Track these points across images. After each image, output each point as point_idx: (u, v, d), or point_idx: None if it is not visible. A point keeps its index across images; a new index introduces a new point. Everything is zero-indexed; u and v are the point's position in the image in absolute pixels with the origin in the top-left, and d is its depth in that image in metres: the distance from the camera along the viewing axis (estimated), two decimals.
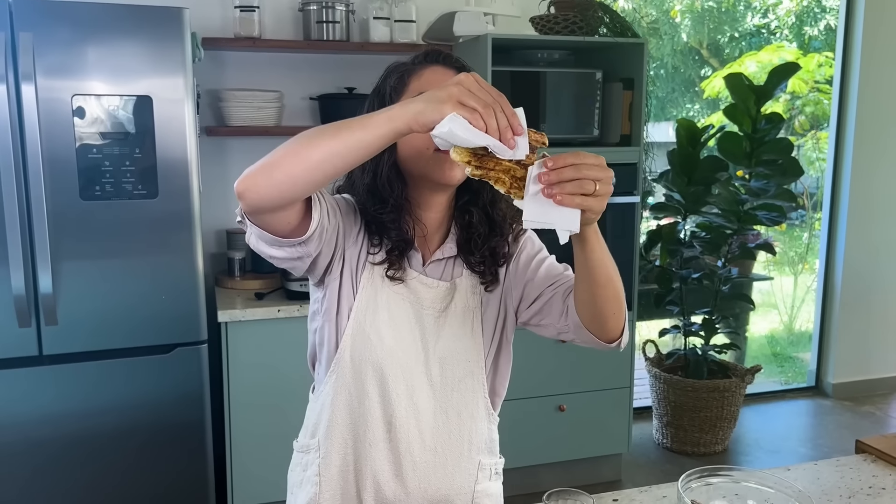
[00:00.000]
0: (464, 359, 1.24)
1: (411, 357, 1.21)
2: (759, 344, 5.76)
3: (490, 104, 0.91)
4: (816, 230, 5.77)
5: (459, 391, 1.24)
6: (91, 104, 2.22)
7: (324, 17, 2.92)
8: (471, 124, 0.91)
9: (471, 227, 1.23)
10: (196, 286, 2.40)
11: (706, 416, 3.47)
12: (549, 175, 0.92)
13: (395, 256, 1.20)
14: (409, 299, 1.22)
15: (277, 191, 0.97)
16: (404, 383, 1.20)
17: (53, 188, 2.19)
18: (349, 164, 0.97)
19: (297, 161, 0.96)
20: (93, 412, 2.33)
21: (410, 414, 1.21)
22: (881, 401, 4.25)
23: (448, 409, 1.24)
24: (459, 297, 1.24)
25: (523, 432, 3.01)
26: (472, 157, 0.94)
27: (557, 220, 0.94)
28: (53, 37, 2.15)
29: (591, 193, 0.93)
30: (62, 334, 2.27)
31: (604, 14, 3.02)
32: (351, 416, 1.22)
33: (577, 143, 3.03)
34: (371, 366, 1.19)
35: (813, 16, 8.20)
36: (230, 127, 2.91)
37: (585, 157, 0.94)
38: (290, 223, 1.05)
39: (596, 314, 1.11)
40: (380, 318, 1.20)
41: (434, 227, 1.25)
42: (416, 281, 1.22)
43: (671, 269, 3.58)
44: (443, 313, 1.23)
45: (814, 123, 7.12)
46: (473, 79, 0.93)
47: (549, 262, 1.25)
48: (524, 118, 0.94)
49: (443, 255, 1.24)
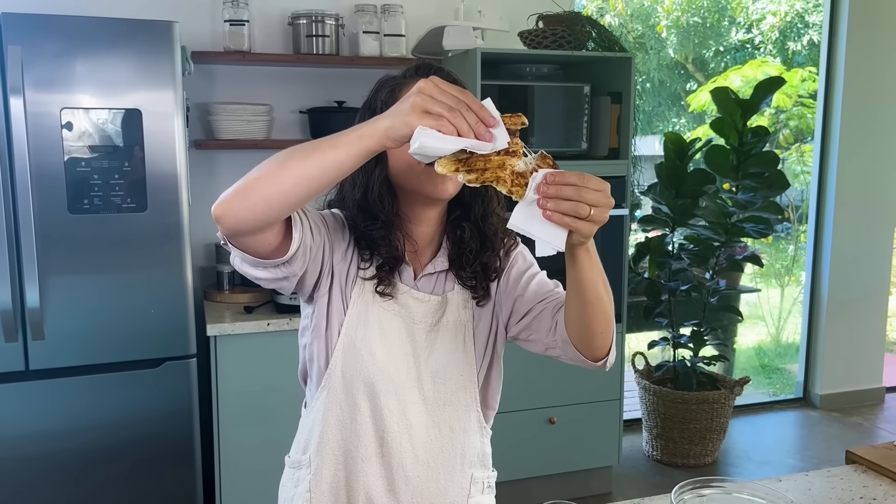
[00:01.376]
0: (456, 373, 1.23)
1: (403, 372, 1.20)
2: (747, 356, 5.79)
3: (454, 106, 0.90)
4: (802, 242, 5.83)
5: (452, 405, 1.24)
6: (80, 117, 2.21)
7: (313, 31, 2.93)
8: (441, 132, 0.89)
9: (462, 241, 1.23)
10: (185, 300, 2.38)
11: (696, 428, 3.48)
12: (548, 189, 0.91)
13: (386, 272, 1.20)
14: (401, 314, 1.21)
15: (253, 214, 0.96)
16: (396, 398, 1.20)
17: (41, 201, 2.18)
18: (324, 185, 0.96)
19: (270, 184, 0.95)
20: (80, 427, 2.31)
21: (403, 429, 1.20)
22: (868, 411, 4.27)
23: (440, 424, 1.23)
24: (451, 311, 1.23)
25: (514, 445, 3.00)
26: (458, 164, 0.93)
27: (542, 234, 0.93)
28: (42, 50, 2.15)
29: (584, 217, 0.92)
30: (49, 349, 2.25)
31: (591, 29, 3.05)
32: (342, 432, 1.21)
33: (565, 157, 3.05)
34: (362, 381, 1.19)
35: (796, 31, 8.30)
36: (220, 140, 2.91)
37: (590, 180, 0.92)
38: (271, 244, 1.05)
39: (583, 332, 1.11)
40: (371, 333, 1.19)
41: (425, 241, 1.24)
42: (406, 295, 1.22)
43: (659, 282, 3.60)
44: (434, 327, 1.22)
45: (798, 137, 7.19)
46: (433, 84, 0.91)
47: (540, 278, 1.25)
48: (494, 107, 0.93)
49: (434, 270, 1.24)
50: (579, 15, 3.04)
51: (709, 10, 8.65)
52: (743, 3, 8.60)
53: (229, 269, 2.90)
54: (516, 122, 0.95)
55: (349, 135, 0.94)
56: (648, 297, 3.63)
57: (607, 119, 3.06)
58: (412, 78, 1.20)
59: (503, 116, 0.94)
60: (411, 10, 3.13)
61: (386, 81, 1.23)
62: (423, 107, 0.90)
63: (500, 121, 0.93)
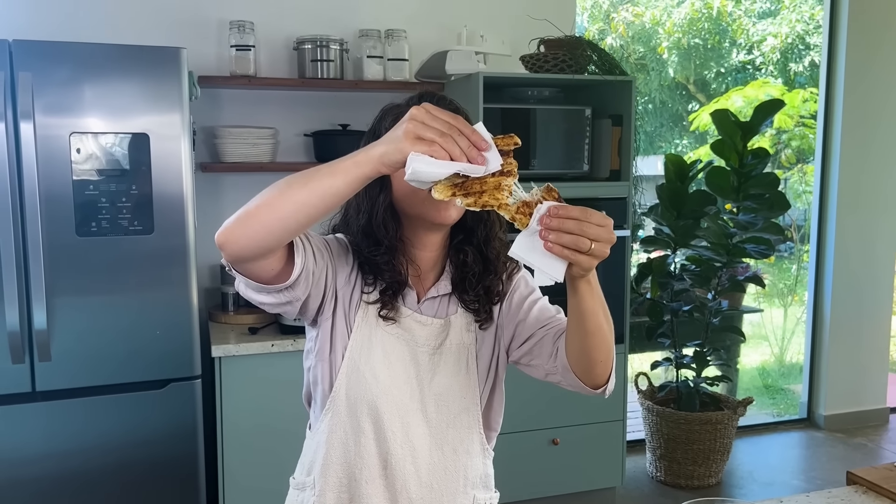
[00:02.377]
0: (459, 395, 1.25)
1: (406, 395, 1.22)
2: (750, 376, 5.77)
3: (446, 131, 0.92)
4: (805, 262, 5.83)
5: (455, 427, 1.25)
6: (88, 141, 2.25)
7: (318, 56, 2.97)
8: (433, 157, 0.91)
9: (465, 265, 1.25)
10: (190, 321, 2.40)
11: (699, 449, 3.47)
12: (551, 221, 0.93)
13: (389, 297, 1.21)
14: (404, 337, 1.23)
15: (255, 241, 0.99)
16: (400, 421, 1.21)
17: (49, 224, 2.21)
18: (322, 211, 0.98)
19: (270, 212, 0.98)
20: (85, 448, 2.32)
21: (406, 451, 1.22)
22: (873, 432, 4.26)
23: (444, 446, 1.25)
24: (454, 334, 1.25)
25: (517, 466, 3.00)
26: (454, 189, 0.94)
27: (541, 264, 0.95)
28: (52, 76, 2.19)
29: (584, 251, 0.93)
30: (56, 370, 2.27)
31: (592, 52, 3.09)
32: (346, 455, 1.22)
33: (567, 178, 3.08)
34: (366, 404, 1.20)
35: (797, 52, 8.37)
36: (225, 163, 2.94)
37: (592, 215, 0.94)
38: (274, 269, 1.07)
39: (584, 360, 1.12)
40: (375, 356, 1.21)
41: (429, 265, 1.26)
42: (410, 319, 1.24)
43: (662, 302, 3.61)
44: (437, 350, 1.24)
45: (800, 157, 7.23)
46: (425, 110, 0.93)
47: (542, 304, 1.27)
48: (485, 131, 0.94)
49: (437, 293, 1.26)
50: (580, 39, 3.09)
51: (710, 32, 8.73)
52: (743, 24, 8.68)
53: (234, 290, 2.91)
54: (509, 143, 0.97)
55: (345, 162, 0.96)
56: (651, 317, 3.64)
57: (608, 141, 3.09)
58: (409, 104, 1.21)
59: (495, 138, 0.96)
60: (415, 34, 3.17)
61: (389, 110, 1.25)
62: (416, 133, 0.92)
63: (493, 143, 0.95)
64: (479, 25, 3.21)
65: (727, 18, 8.64)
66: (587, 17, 8.68)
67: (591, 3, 8.66)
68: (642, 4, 8.80)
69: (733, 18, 8.67)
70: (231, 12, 2.98)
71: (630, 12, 8.63)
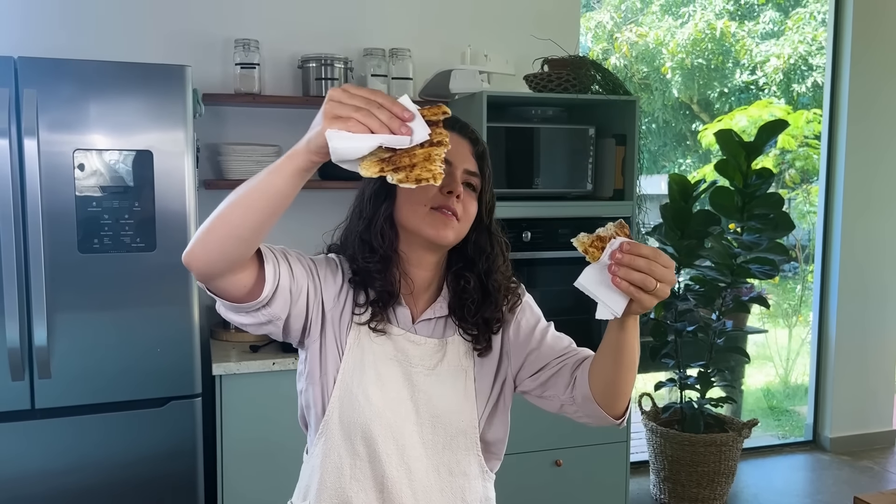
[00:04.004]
0: (457, 417, 1.23)
1: (401, 416, 1.20)
2: (755, 397, 5.73)
3: (362, 106, 0.90)
4: (810, 282, 5.81)
5: (451, 449, 1.23)
6: (92, 158, 2.25)
7: (323, 74, 2.98)
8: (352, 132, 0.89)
9: (465, 292, 1.24)
10: (191, 339, 2.39)
11: (704, 471, 3.44)
12: (623, 257, 0.96)
13: (379, 308, 1.20)
14: (397, 358, 1.21)
15: (215, 255, 1.00)
16: (394, 443, 1.19)
17: (52, 241, 2.21)
18: (269, 213, 0.98)
19: (223, 223, 0.99)
20: (85, 466, 2.30)
21: (402, 473, 1.20)
22: (879, 455, 4.21)
23: (440, 467, 1.23)
24: (451, 355, 1.23)
25: (519, 488, 2.97)
26: (382, 164, 0.91)
27: (605, 298, 0.99)
28: (57, 93, 2.19)
29: (649, 290, 0.97)
30: (55, 388, 2.26)
31: (596, 72, 3.09)
32: (341, 479, 1.20)
33: (570, 198, 3.07)
34: (360, 427, 1.18)
35: (800, 73, 8.39)
36: (229, 180, 2.94)
37: (661, 256, 0.98)
38: (245, 285, 1.07)
39: (611, 391, 1.14)
40: (367, 378, 1.19)
41: (423, 285, 1.25)
42: (403, 338, 1.22)
43: (666, 322, 3.59)
44: (433, 371, 1.22)
45: (804, 177, 7.22)
46: (342, 90, 0.92)
47: (552, 333, 1.27)
48: (410, 102, 0.92)
49: (433, 315, 1.25)
50: (584, 59, 3.09)
51: (713, 52, 8.76)
52: (747, 45, 8.71)
53: None
54: (437, 113, 0.95)
55: (282, 158, 0.97)
56: (655, 337, 3.62)
57: (612, 160, 3.08)
58: None
59: (422, 109, 0.93)
60: (419, 53, 3.19)
61: None
62: (333, 112, 0.90)
63: (418, 114, 0.92)
64: (483, 45, 3.22)
65: (730, 39, 8.67)
66: (591, 37, 8.73)
67: (595, 24, 8.71)
68: (646, 25, 8.85)
69: (737, 39, 8.71)
70: (236, 30, 2.99)
71: (634, 32, 8.68)
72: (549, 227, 2.93)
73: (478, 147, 1.24)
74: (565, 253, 2.95)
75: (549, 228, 2.93)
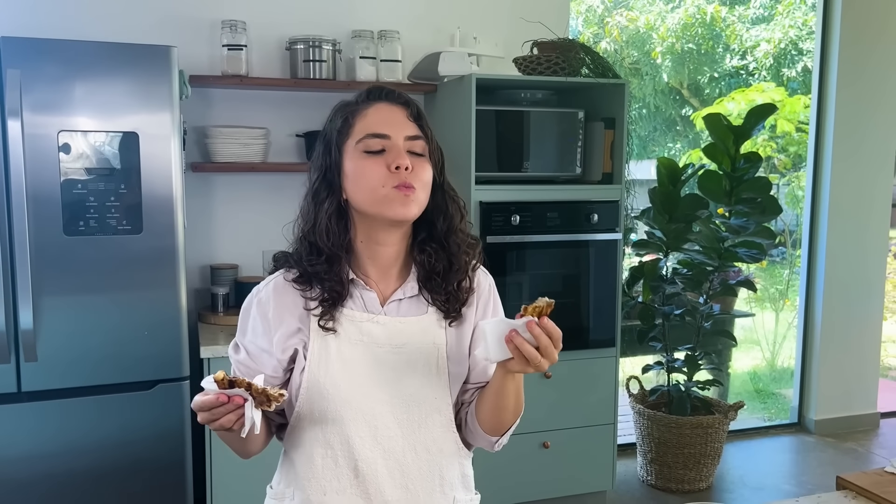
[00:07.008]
0: (430, 395, 1.23)
1: (371, 398, 1.20)
2: (741, 380, 5.78)
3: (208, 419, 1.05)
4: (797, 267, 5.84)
5: (427, 427, 1.23)
6: (77, 140, 2.23)
7: (311, 56, 2.96)
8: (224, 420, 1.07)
9: (430, 264, 1.23)
10: (179, 322, 2.39)
11: (690, 453, 3.47)
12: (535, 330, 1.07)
13: (328, 306, 1.19)
14: (363, 341, 1.20)
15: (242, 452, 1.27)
16: (367, 426, 1.20)
17: (37, 223, 2.19)
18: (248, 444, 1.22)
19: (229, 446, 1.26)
20: (72, 450, 2.30)
21: (377, 455, 1.20)
22: (863, 437, 4.26)
23: (417, 447, 1.23)
24: (422, 334, 1.23)
25: (507, 470, 2.99)
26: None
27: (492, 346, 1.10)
28: (41, 74, 2.17)
29: (535, 364, 1.08)
30: (42, 370, 2.25)
31: (585, 55, 3.08)
32: (313, 469, 1.21)
33: (559, 181, 3.07)
34: (329, 417, 1.19)
35: (790, 58, 8.39)
36: (216, 163, 2.93)
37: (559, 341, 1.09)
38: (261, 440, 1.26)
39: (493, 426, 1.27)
40: (333, 367, 1.19)
41: (390, 261, 1.24)
42: (369, 323, 1.21)
43: (653, 306, 3.61)
44: (402, 349, 1.21)
45: (797, 162, 7.24)
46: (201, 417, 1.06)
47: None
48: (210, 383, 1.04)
49: (404, 295, 1.24)
50: (573, 42, 3.08)
51: (703, 37, 8.75)
52: (737, 30, 8.71)
53: (224, 290, 2.91)
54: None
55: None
56: (642, 321, 3.64)
57: (601, 144, 3.08)
58: (365, 103, 1.22)
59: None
60: (408, 36, 3.17)
61: (340, 108, 1.24)
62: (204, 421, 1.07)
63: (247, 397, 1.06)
64: (473, 27, 3.21)
65: (721, 24, 8.67)
66: (582, 21, 8.70)
67: (585, 8, 8.68)
68: (637, 9, 8.82)
69: (727, 24, 8.70)
70: (223, 11, 2.96)
71: (624, 17, 8.65)
72: (539, 211, 2.93)
73: (411, 109, 1.23)
74: (554, 236, 2.96)
75: (539, 212, 2.93)
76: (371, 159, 1.17)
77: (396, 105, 1.22)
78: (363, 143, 1.18)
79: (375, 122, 1.18)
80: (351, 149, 1.19)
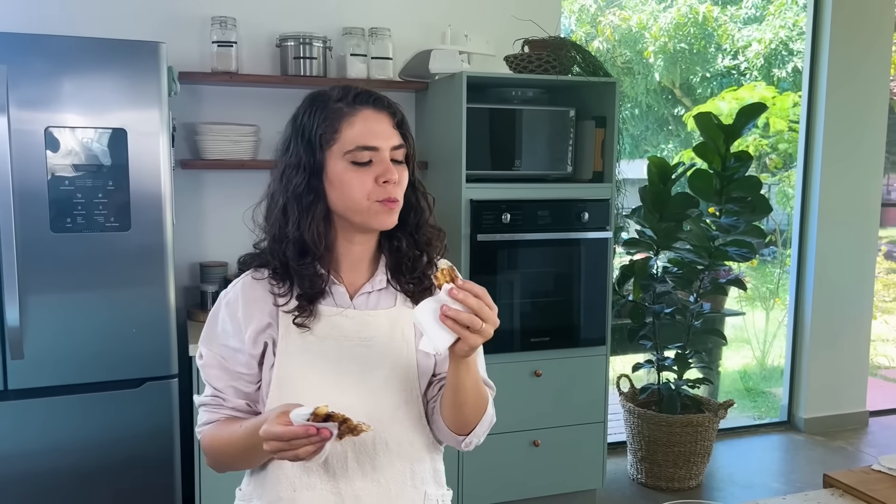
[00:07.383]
0: (400, 388, 1.23)
1: (340, 392, 1.19)
2: (731, 379, 5.80)
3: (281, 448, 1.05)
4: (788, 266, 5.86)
5: (397, 420, 1.23)
6: (65, 136, 2.21)
7: (301, 53, 2.95)
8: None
9: (399, 251, 1.25)
10: (167, 319, 2.37)
11: (680, 451, 3.48)
12: (458, 294, 1.03)
13: (305, 304, 1.20)
14: (332, 335, 1.20)
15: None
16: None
17: (23, 220, 2.17)
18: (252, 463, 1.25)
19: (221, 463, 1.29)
20: (59, 448, 2.29)
21: (347, 447, 1.20)
22: (852, 436, 4.28)
23: (388, 441, 1.22)
24: (391, 326, 1.23)
25: (497, 468, 2.99)
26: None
27: (432, 333, 1.05)
28: (28, 69, 2.15)
29: (476, 329, 1.04)
30: (28, 368, 2.23)
31: (576, 54, 3.08)
32: (282, 465, 1.20)
33: (550, 180, 3.07)
34: None
35: (781, 58, 8.42)
36: (206, 160, 2.91)
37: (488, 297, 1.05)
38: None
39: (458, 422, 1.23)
40: (302, 362, 1.19)
41: (359, 256, 1.25)
42: (339, 317, 1.21)
43: (644, 304, 3.61)
44: (370, 342, 1.22)
45: (788, 161, 7.26)
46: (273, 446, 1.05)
47: None
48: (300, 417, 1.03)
49: (373, 288, 1.25)
50: (564, 40, 3.08)
51: (695, 37, 8.76)
52: (729, 30, 8.73)
53: (213, 288, 2.89)
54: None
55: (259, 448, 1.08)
56: (633, 319, 3.64)
57: (592, 143, 3.09)
58: (351, 107, 1.19)
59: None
60: (399, 33, 3.16)
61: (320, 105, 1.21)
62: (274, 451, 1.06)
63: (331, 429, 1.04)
64: (464, 25, 3.20)
65: (713, 24, 8.68)
66: (574, 20, 8.70)
67: (578, 7, 8.68)
68: (629, 8, 8.83)
69: (719, 24, 8.72)
70: (213, 8, 2.95)
71: (617, 16, 8.66)
72: (529, 209, 2.93)
73: (396, 116, 1.22)
74: (545, 235, 2.96)
75: (529, 210, 2.93)
76: (359, 171, 1.17)
77: (383, 112, 1.21)
78: (352, 155, 1.17)
79: (364, 134, 1.17)
80: (337, 156, 1.18)
